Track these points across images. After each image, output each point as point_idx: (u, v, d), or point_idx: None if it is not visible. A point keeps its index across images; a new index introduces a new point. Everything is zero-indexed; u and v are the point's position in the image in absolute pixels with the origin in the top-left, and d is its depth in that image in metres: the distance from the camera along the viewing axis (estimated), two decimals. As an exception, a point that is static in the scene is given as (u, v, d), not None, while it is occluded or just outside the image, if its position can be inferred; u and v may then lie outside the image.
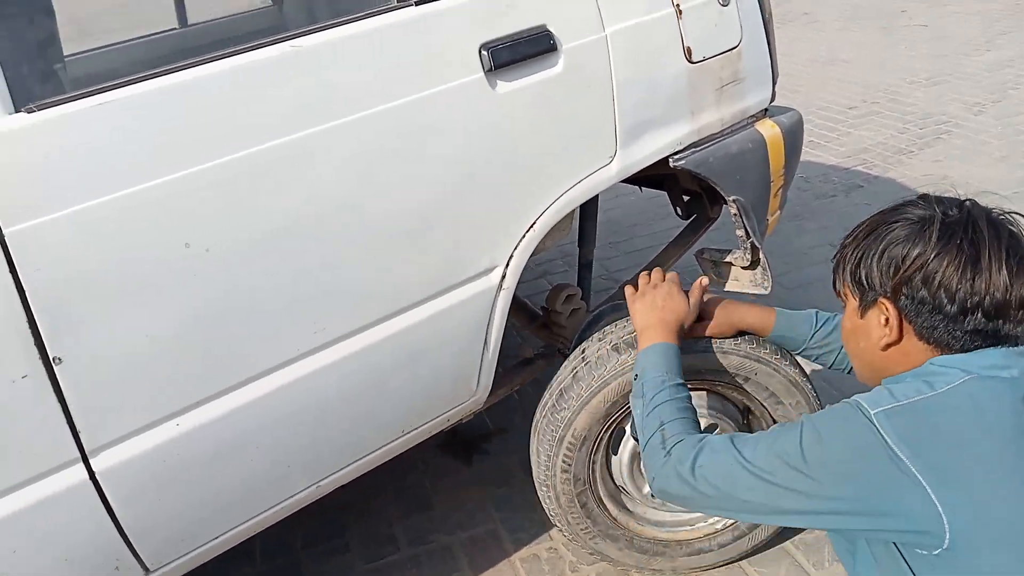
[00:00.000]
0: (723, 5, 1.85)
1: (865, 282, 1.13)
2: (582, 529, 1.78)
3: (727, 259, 2.04)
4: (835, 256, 1.21)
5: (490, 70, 1.47)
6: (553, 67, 1.56)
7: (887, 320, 1.11)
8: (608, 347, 1.66)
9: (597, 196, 1.81)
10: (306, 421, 1.42)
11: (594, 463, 1.74)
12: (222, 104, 1.24)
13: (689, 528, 1.86)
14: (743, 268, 2.03)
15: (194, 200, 1.21)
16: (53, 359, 1.13)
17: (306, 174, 1.31)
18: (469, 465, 2.21)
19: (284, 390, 1.36)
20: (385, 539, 2.02)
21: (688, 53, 1.78)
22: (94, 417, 1.19)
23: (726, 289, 2.10)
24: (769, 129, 2.00)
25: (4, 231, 1.08)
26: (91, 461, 1.21)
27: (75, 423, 1.18)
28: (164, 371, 1.24)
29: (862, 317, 1.16)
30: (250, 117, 1.26)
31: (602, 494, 1.79)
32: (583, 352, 1.71)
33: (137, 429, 1.24)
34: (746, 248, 1.95)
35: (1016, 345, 1.07)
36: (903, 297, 1.09)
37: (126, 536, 1.28)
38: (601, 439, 1.72)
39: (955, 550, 0.99)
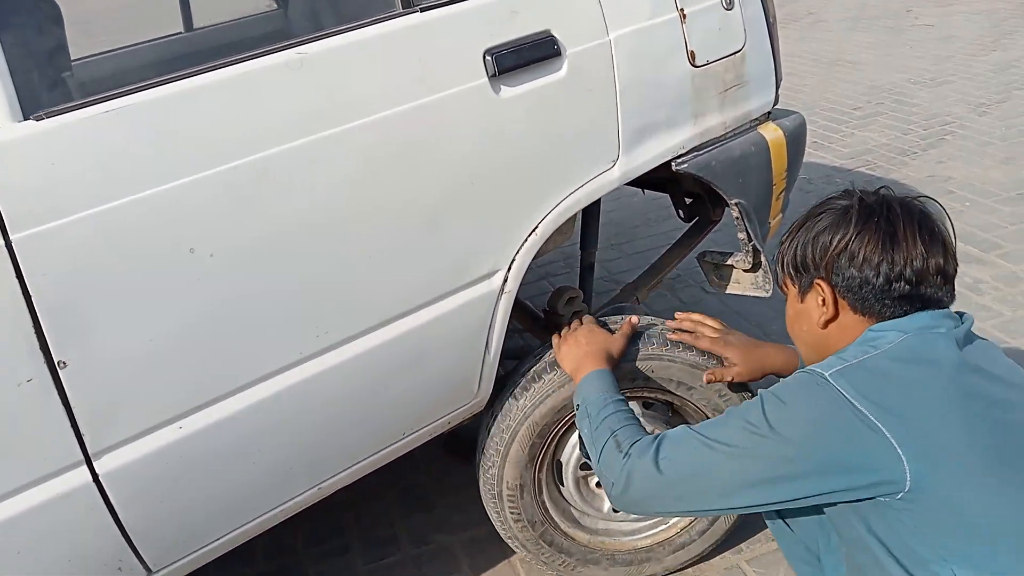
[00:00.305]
0: (727, 9, 1.85)
1: (801, 268, 1.27)
2: (560, 563, 1.80)
3: (729, 262, 2.05)
4: (776, 254, 1.33)
5: (494, 75, 1.48)
6: (557, 72, 1.57)
7: (823, 300, 1.23)
8: (508, 396, 1.68)
9: (599, 199, 1.82)
10: (308, 424, 1.43)
11: (543, 503, 1.76)
12: (227, 110, 1.25)
13: (664, 527, 1.87)
14: (745, 271, 2.03)
15: (198, 206, 1.22)
16: (58, 363, 1.15)
17: (309, 180, 1.32)
18: (470, 466, 2.21)
19: (286, 393, 1.36)
20: (386, 539, 2.03)
21: (692, 57, 1.78)
22: (98, 420, 1.20)
23: (728, 292, 2.11)
24: (772, 132, 2.00)
25: (11, 236, 1.09)
26: (95, 464, 1.22)
27: (79, 426, 1.19)
28: (167, 375, 1.25)
29: (802, 301, 1.28)
30: (255, 123, 1.27)
31: (564, 527, 1.80)
32: (491, 406, 1.72)
33: (140, 432, 1.25)
34: (748, 251, 1.96)
35: (939, 307, 1.20)
36: (834, 276, 1.22)
37: (129, 538, 1.29)
38: (539, 479, 1.73)
39: (916, 491, 1.06)
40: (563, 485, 1.79)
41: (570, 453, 1.76)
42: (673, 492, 1.21)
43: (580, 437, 1.42)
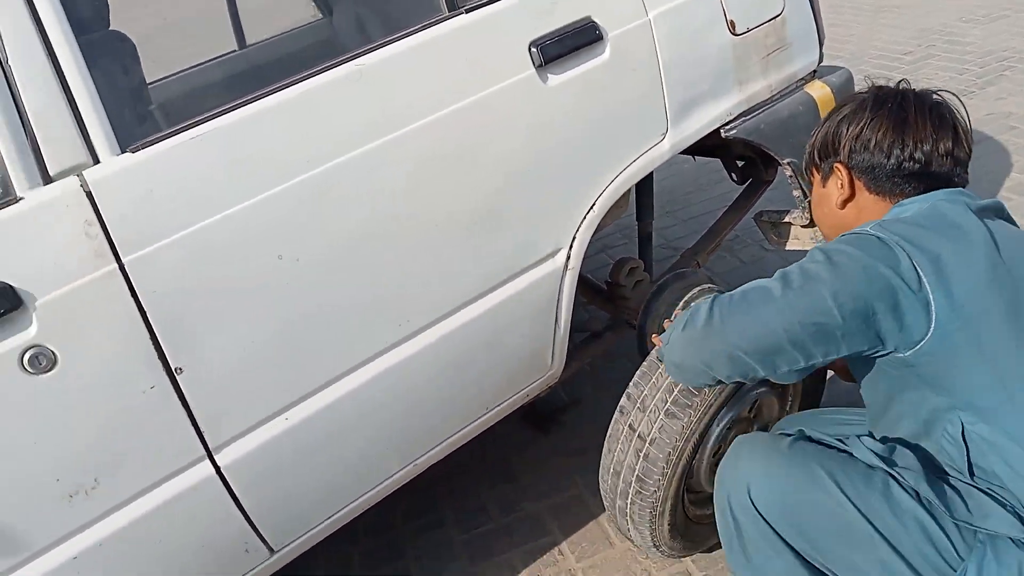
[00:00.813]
0: (763, -26, 1.88)
1: (822, 154, 1.39)
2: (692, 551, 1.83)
3: (786, 219, 2.08)
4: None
5: (540, 66, 1.55)
6: (600, 55, 1.63)
7: (841, 183, 1.34)
8: (662, 415, 1.60)
9: (652, 171, 1.88)
10: (399, 407, 1.53)
11: (685, 503, 1.74)
12: (298, 126, 1.35)
13: None
14: (803, 227, 2.07)
15: (281, 216, 1.33)
16: (175, 369, 1.27)
17: (379, 182, 1.42)
18: (547, 436, 2.31)
19: (376, 380, 1.47)
20: (476, 510, 2.14)
21: (732, 26, 1.83)
22: (215, 418, 1.33)
23: (788, 248, 2.15)
24: (819, 90, 2.03)
25: (123, 260, 1.21)
26: (215, 457, 1.35)
27: (199, 425, 1.31)
28: (270, 371, 1.37)
29: (824, 186, 1.40)
30: (323, 136, 1.37)
31: (699, 513, 1.80)
32: (630, 427, 1.65)
33: (252, 426, 1.37)
34: (804, 207, 1.99)
35: (951, 186, 1.28)
36: (851, 158, 1.32)
37: (252, 522, 1.42)
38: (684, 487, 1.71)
39: (938, 334, 1.14)
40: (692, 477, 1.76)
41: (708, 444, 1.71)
42: (740, 315, 1.23)
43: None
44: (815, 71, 2.05)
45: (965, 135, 1.29)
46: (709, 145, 1.99)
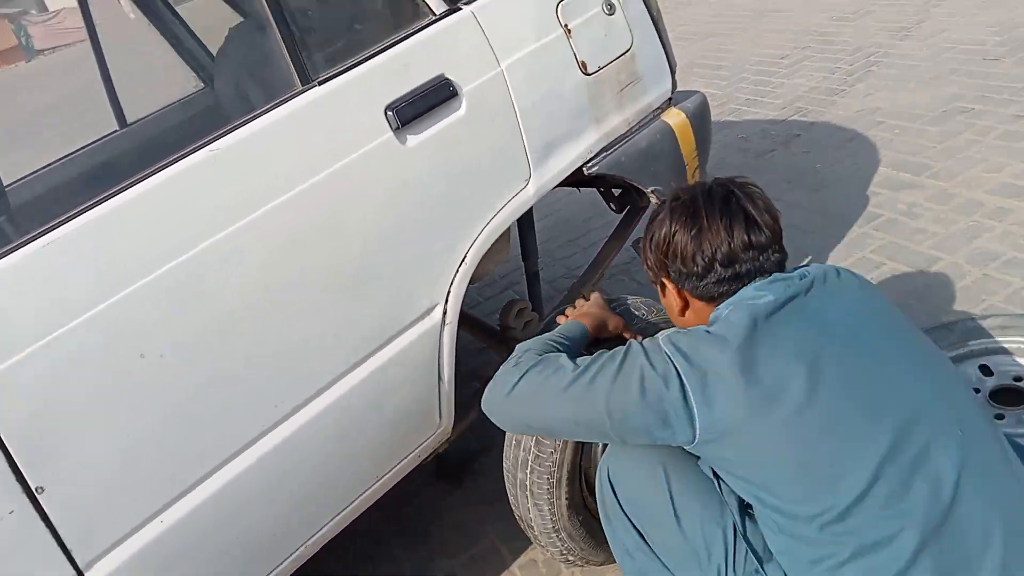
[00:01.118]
0: (609, 15, 1.94)
1: (654, 271, 1.42)
2: (590, 549, 1.81)
3: (662, 245, 2.13)
4: None
5: (397, 128, 1.57)
6: (457, 111, 1.66)
7: (672, 295, 1.39)
8: None
9: (531, 210, 1.91)
10: (283, 489, 1.51)
11: (584, 492, 1.77)
12: (154, 219, 1.33)
13: None
14: (679, 251, 2.12)
15: (141, 314, 1.30)
16: (36, 489, 1.22)
17: (239, 266, 1.40)
18: (459, 488, 2.29)
19: (256, 466, 1.44)
20: (392, 576, 2.10)
21: (583, 67, 1.88)
22: (82, 534, 1.28)
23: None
24: (675, 117, 2.10)
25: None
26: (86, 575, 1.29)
27: (66, 544, 1.26)
28: (139, 476, 1.33)
29: (664, 296, 1.44)
30: (181, 225, 1.35)
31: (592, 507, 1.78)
32: None
33: (125, 535, 1.32)
34: (678, 232, 2.04)
35: (766, 275, 1.31)
36: (671, 273, 1.37)
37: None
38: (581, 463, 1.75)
39: (704, 436, 1.21)
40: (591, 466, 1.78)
41: None
42: (532, 395, 1.36)
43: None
44: (671, 98, 2.12)
45: (761, 214, 1.30)
46: (583, 178, 2.04)
